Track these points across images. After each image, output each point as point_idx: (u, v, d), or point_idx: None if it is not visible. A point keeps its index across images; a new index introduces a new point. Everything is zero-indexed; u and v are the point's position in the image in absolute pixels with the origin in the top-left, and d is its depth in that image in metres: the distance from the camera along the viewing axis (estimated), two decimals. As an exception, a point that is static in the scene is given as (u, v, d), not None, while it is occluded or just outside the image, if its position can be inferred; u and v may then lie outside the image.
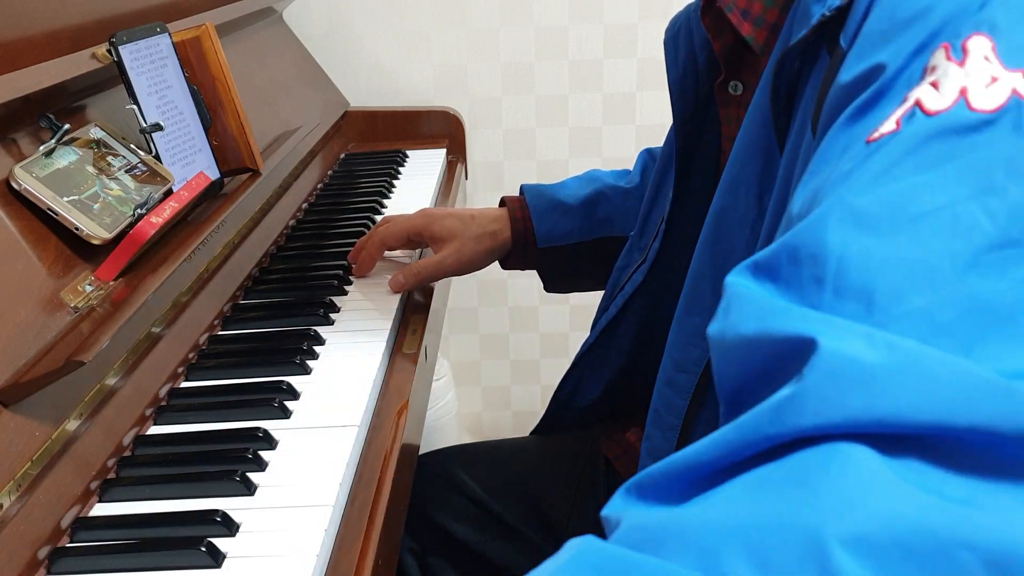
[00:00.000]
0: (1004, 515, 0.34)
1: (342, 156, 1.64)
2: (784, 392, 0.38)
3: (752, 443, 0.38)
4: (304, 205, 1.36)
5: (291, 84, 1.52)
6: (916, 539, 0.33)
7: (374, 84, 1.83)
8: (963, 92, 0.46)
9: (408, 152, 1.65)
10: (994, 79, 0.46)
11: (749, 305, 0.44)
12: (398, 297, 1.04)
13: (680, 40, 0.85)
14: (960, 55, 0.47)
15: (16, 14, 0.83)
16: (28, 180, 0.75)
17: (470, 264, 1.09)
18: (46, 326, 0.71)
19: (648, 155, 1.19)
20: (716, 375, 0.46)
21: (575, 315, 2.00)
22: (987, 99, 0.45)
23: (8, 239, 0.73)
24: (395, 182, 1.50)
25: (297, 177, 1.38)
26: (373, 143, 1.74)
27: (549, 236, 1.11)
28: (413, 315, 1.04)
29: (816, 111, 0.56)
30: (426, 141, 1.74)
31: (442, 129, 1.77)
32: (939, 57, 0.47)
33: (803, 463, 0.37)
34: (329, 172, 1.54)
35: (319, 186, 1.46)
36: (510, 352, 2.03)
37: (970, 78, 0.46)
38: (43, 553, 0.63)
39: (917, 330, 0.40)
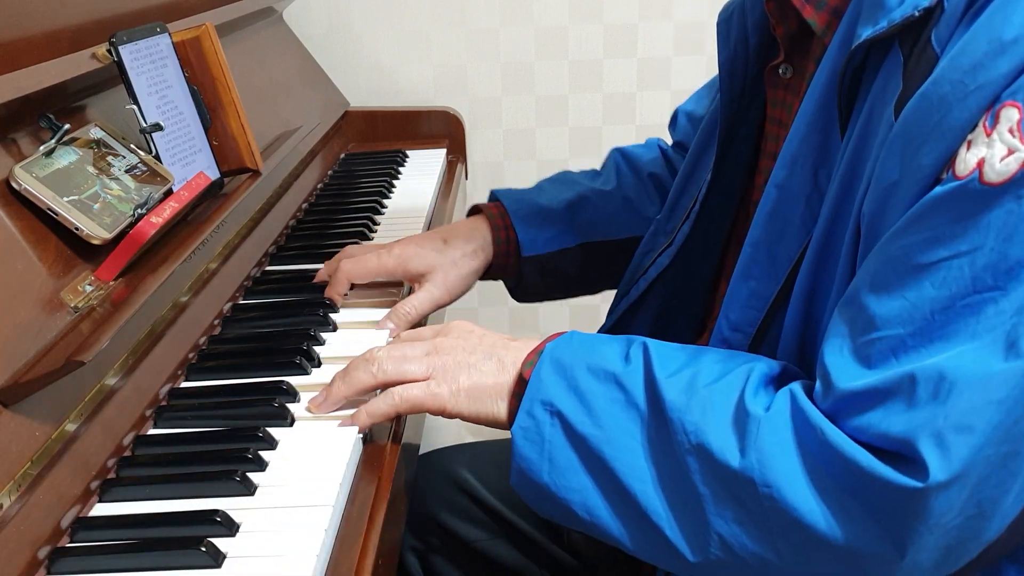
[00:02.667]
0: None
1: (342, 156, 1.64)
2: None
3: None
4: (304, 205, 1.36)
5: (291, 84, 1.52)
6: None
7: (374, 84, 1.83)
8: (980, 164, 0.55)
9: (408, 152, 1.65)
10: (1010, 152, 0.54)
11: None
12: (398, 298, 1.04)
13: (733, 23, 0.86)
14: (992, 122, 0.55)
15: (16, 14, 0.83)
16: (28, 180, 0.75)
17: (458, 290, 1.05)
18: (46, 326, 0.71)
19: (620, 155, 1.17)
20: None
21: (575, 315, 2.00)
22: (998, 172, 0.54)
23: (8, 239, 0.73)
24: (395, 182, 1.50)
25: (297, 177, 1.38)
26: (373, 143, 1.74)
27: (534, 243, 1.08)
28: (413, 315, 1.04)
29: (903, 102, 0.61)
30: (426, 141, 1.74)
31: (442, 129, 1.77)
32: (982, 116, 0.56)
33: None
34: (329, 172, 1.54)
35: (319, 186, 1.46)
36: (510, 352, 2.03)
37: (991, 149, 0.55)
38: (43, 553, 0.63)
39: (892, 348, 0.58)
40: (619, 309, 1.00)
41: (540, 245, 1.08)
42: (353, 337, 0.94)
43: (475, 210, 1.12)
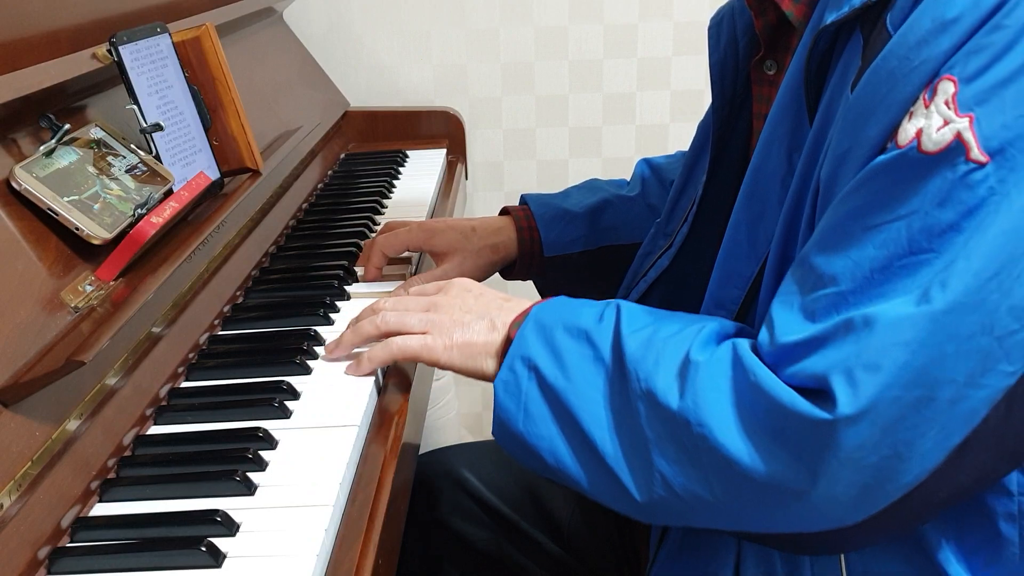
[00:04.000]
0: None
1: (342, 156, 1.64)
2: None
3: None
4: (304, 205, 1.36)
5: (291, 84, 1.52)
6: None
7: (374, 84, 1.83)
8: (918, 134, 0.59)
9: (408, 152, 1.65)
10: (945, 123, 0.58)
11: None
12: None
13: (723, 26, 0.88)
14: (931, 95, 0.59)
15: (16, 14, 0.83)
16: (28, 180, 0.75)
17: (473, 277, 1.06)
18: (46, 326, 0.71)
19: (647, 165, 1.20)
20: None
21: (575, 315, 2.00)
22: (935, 142, 0.58)
23: (8, 239, 0.73)
24: (395, 182, 1.50)
25: (297, 177, 1.38)
26: (373, 143, 1.74)
27: (556, 244, 1.12)
28: (413, 315, 1.04)
29: (858, 81, 0.64)
30: (426, 141, 1.74)
31: (442, 129, 1.77)
32: (922, 90, 0.59)
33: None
34: (329, 172, 1.54)
35: (319, 186, 1.46)
36: (510, 352, 2.03)
37: (928, 120, 0.59)
38: (43, 553, 0.63)
39: (834, 304, 0.62)
40: None
41: (562, 246, 1.13)
42: (353, 337, 0.94)
43: (505, 211, 1.16)
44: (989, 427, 0.59)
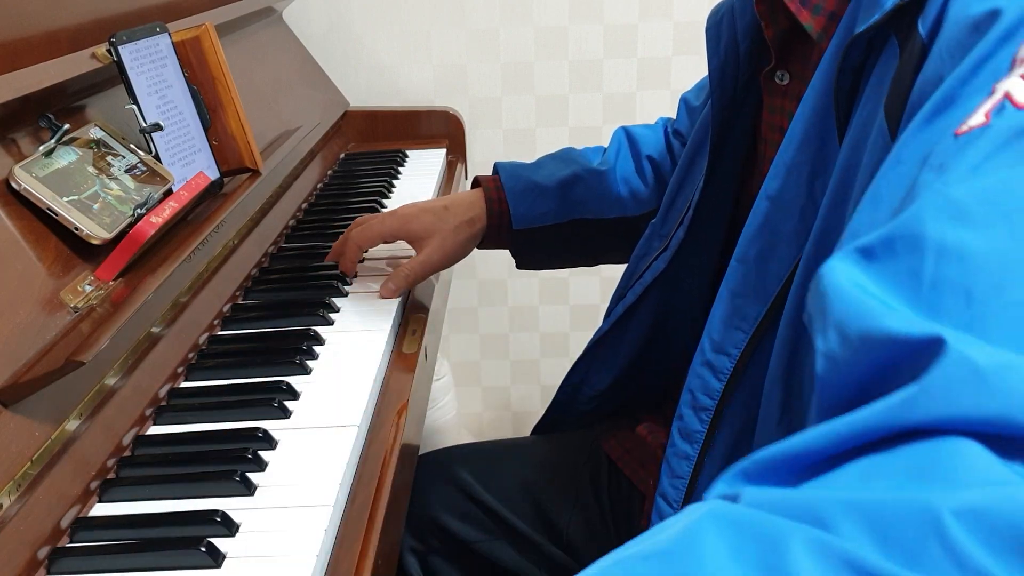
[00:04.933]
0: None
1: (342, 156, 1.64)
2: (908, 390, 0.38)
3: (863, 434, 0.39)
4: (304, 205, 1.36)
5: (291, 84, 1.52)
6: None
7: (374, 84, 1.83)
8: (1008, 95, 0.45)
9: (408, 152, 1.65)
10: None
11: (853, 304, 0.43)
12: (398, 297, 1.04)
13: (723, 28, 0.85)
14: (1010, 67, 0.46)
15: (16, 14, 0.83)
16: (28, 180, 0.75)
17: (454, 256, 1.09)
18: (46, 326, 0.71)
19: (625, 134, 1.18)
20: (824, 376, 0.45)
21: (575, 315, 2.00)
22: None
23: (8, 239, 0.73)
24: (395, 182, 1.50)
25: (297, 177, 1.37)
26: (373, 143, 1.74)
27: (524, 218, 1.11)
28: (413, 315, 1.04)
29: (893, 101, 0.55)
30: (426, 141, 1.74)
31: (442, 129, 1.77)
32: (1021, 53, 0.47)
33: (917, 452, 0.37)
34: (329, 172, 1.54)
35: (319, 186, 1.46)
36: (510, 352, 2.03)
37: (1012, 82, 0.45)
38: (43, 553, 0.63)
39: (1015, 322, 0.40)
40: (616, 312, 1.00)
41: (530, 219, 1.11)
42: (354, 337, 0.94)
43: (476, 182, 1.15)
44: None
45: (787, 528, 0.36)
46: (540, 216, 1.11)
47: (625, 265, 1.06)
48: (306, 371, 0.87)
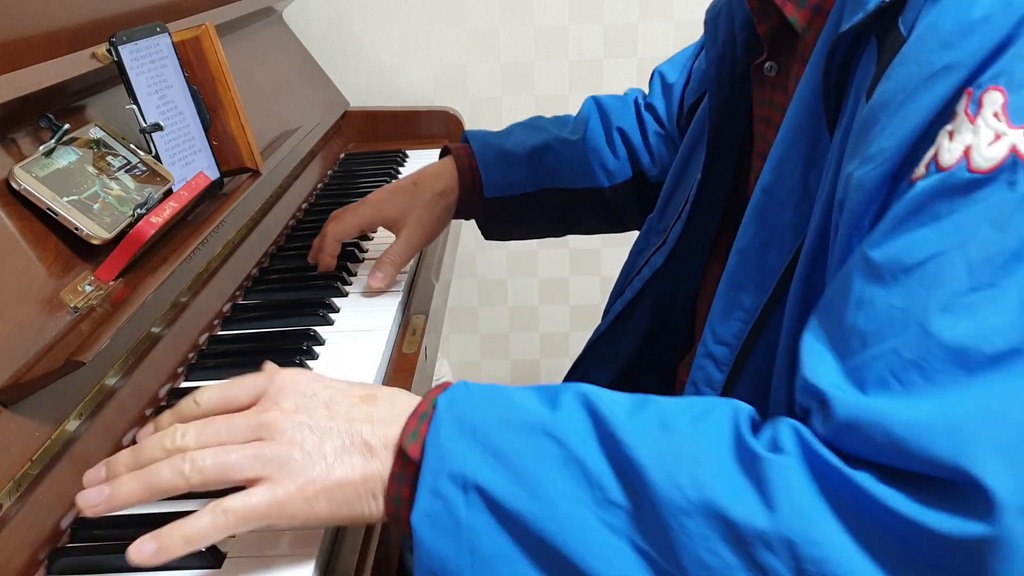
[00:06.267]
0: None
1: (342, 156, 1.64)
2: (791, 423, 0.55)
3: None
4: (304, 205, 1.36)
5: (291, 84, 1.52)
6: None
7: (374, 84, 1.83)
8: (967, 152, 0.51)
9: (408, 152, 1.65)
10: (997, 136, 0.50)
11: (803, 351, 0.57)
12: (398, 297, 1.04)
13: (720, 20, 0.86)
14: (975, 108, 0.51)
15: (16, 14, 0.83)
16: (28, 180, 0.75)
17: (433, 230, 1.09)
18: (46, 326, 0.71)
19: (595, 104, 1.19)
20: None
21: (575, 315, 2.00)
22: (987, 158, 0.50)
23: (8, 239, 0.73)
24: (395, 182, 1.50)
25: (297, 177, 1.38)
26: (373, 143, 1.74)
27: (496, 185, 1.11)
28: (413, 315, 1.04)
29: (872, 89, 0.58)
30: (426, 141, 1.74)
31: (442, 129, 1.77)
32: (961, 104, 0.52)
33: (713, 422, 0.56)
34: (329, 172, 1.54)
35: (319, 186, 1.46)
36: (510, 352, 2.03)
37: (977, 136, 0.51)
38: (43, 553, 0.63)
39: (888, 365, 0.50)
40: (615, 309, 1.00)
41: (501, 187, 1.11)
42: (354, 337, 0.94)
43: (446, 151, 1.15)
44: None
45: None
46: (512, 184, 1.11)
47: (621, 263, 1.06)
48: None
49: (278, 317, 0.98)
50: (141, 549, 0.57)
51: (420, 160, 1.62)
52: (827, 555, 0.49)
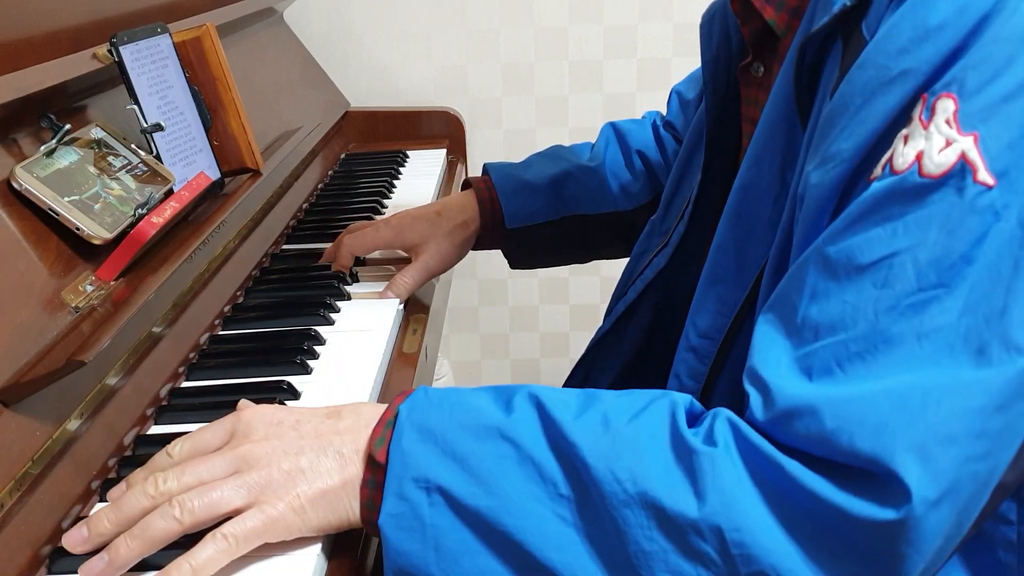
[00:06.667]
0: None
1: (343, 156, 1.64)
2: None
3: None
4: (305, 205, 1.36)
5: (292, 84, 1.52)
6: None
7: (374, 84, 1.83)
8: (919, 157, 0.53)
9: (408, 152, 1.66)
10: (948, 143, 0.53)
11: (755, 342, 0.60)
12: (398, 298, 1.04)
13: (715, 24, 0.87)
14: (928, 114, 0.54)
15: (16, 14, 0.83)
16: (29, 180, 0.76)
17: (451, 260, 1.10)
18: (47, 326, 0.71)
19: (612, 130, 1.20)
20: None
21: (575, 315, 2.00)
22: (937, 164, 0.53)
23: (9, 239, 0.73)
24: (395, 182, 1.50)
25: (298, 177, 1.38)
26: (374, 143, 1.75)
27: (517, 216, 1.12)
28: (413, 315, 1.04)
29: (835, 91, 0.60)
30: (426, 141, 1.74)
31: (442, 129, 1.78)
32: (917, 109, 0.55)
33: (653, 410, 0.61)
34: (330, 172, 1.54)
35: (320, 186, 1.46)
36: (510, 352, 2.03)
37: (929, 142, 0.53)
38: (43, 553, 0.63)
39: (835, 356, 0.54)
40: (616, 311, 1.00)
41: (524, 218, 1.12)
42: (354, 337, 0.94)
43: (467, 184, 1.16)
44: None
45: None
46: (533, 214, 1.12)
47: (624, 265, 1.06)
48: (307, 371, 0.87)
49: (279, 317, 0.98)
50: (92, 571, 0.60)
51: (421, 160, 1.63)
52: (751, 540, 0.54)
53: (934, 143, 0.53)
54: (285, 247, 1.20)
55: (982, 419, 0.52)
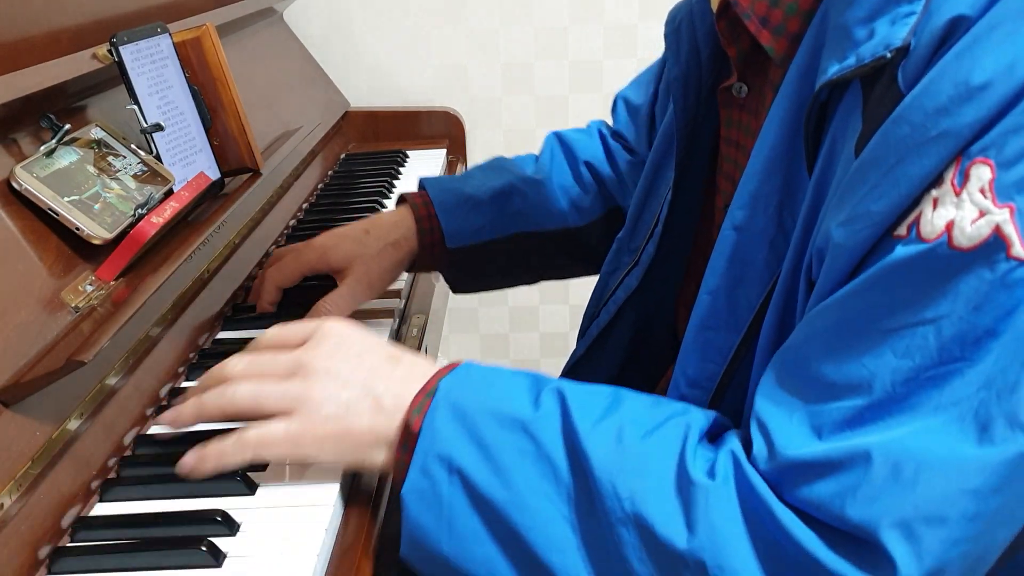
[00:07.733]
0: None
1: (342, 156, 1.64)
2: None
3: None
4: (305, 205, 1.36)
5: (291, 84, 1.52)
6: None
7: (374, 84, 1.83)
8: (949, 227, 0.50)
9: (408, 152, 1.66)
10: (981, 214, 0.50)
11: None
12: (398, 298, 1.04)
13: (682, 34, 0.82)
14: (962, 180, 0.50)
15: (16, 14, 0.83)
16: (29, 180, 0.76)
17: (380, 283, 0.99)
18: (47, 326, 0.71)
19: (557, 140, 1.12)
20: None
21: (575, 315, 2.00)
22: (969, 237, 0.50)
23: (9, 239, 0.73)
24: (395, 182, 1.50)
25: (298, 177, 1.38)
26: (373, 143, 1.75)
27: (459, 234, 1.02)
28: (413, 315, 1.04)
29: (862, 143, 0.56)
30: (426, 141, 1.74)
31: (442, 129, 1.78)
32: (950, 172, 0.51)
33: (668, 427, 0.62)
34: (330, 172, 1.54)
35: (320, 186, 1.46)
36: (510, 352, 2.03)
37: (960, 211, 0.50)
38: (43, 553, 0.63)
39: (847, 419, 0.53)
40: (591, 333, 0.95)
41: (466, 236, 1.02)
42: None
43: (402, 199, 1.06)
44: None
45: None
46: (476, 231, 1.02)
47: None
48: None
49: (279, 317, 0.98)
50: (185, 462, 0.67)
51: (421, 160, 1.63)
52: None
53: (966, 213, 0.50)
54: (285, 247, 1.20)
55: (976, 501, 0.50)
